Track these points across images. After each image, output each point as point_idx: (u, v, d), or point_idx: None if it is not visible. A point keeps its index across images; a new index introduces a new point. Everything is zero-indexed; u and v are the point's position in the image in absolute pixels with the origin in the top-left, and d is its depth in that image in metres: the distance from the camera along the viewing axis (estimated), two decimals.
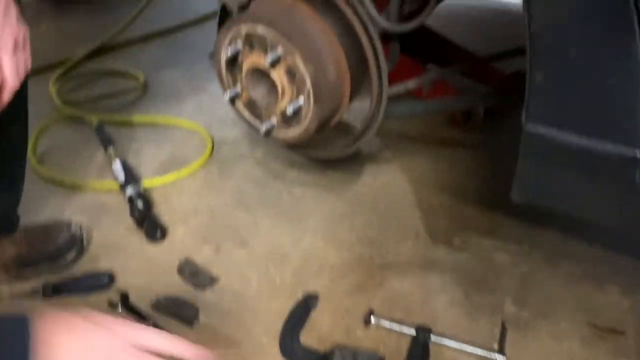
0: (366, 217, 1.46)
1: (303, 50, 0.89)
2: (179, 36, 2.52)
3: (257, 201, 1.54)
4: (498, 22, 2.42)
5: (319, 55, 0.91)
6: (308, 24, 0.94)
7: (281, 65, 0.92)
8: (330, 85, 0.92)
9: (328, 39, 0.95)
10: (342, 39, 0.95)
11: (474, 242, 1.37)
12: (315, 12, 0.94)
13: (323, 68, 0.91)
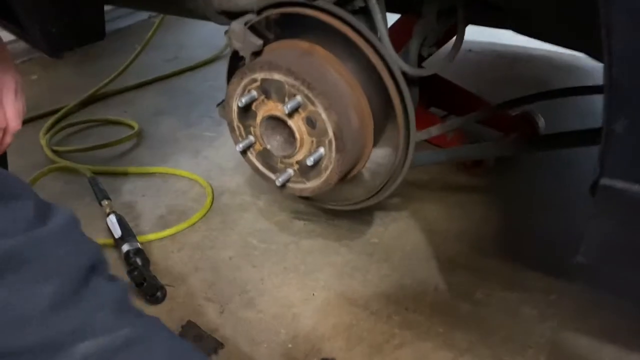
0: (380, 270, 1.37)
1: (325, 97, 0.83)
2: (174, 83, 2.47)
3: (263, 255, 1.44)
4: (498, 64, 2.41)
5: (341, 103, 0.85)
6: (328, 69, 0.88)
7: (300, 114, 0.85)
8: (353, 134, 0.86)
9: (349, 84, 0.89)
10: (363, 84, 0.89)
11: (497, 295, 1.29)
12: (334, 55, 0.89)
13: (346, 116, 0.84)
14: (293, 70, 0.83)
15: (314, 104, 0.84)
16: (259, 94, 0.89)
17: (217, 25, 3.17)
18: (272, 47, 0.95)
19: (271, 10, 0.92)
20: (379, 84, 0.87)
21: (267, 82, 0.87)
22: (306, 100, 0.84)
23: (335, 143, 0.85)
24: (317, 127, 0.85)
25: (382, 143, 0.94)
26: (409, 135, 0.88)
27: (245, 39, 0.89)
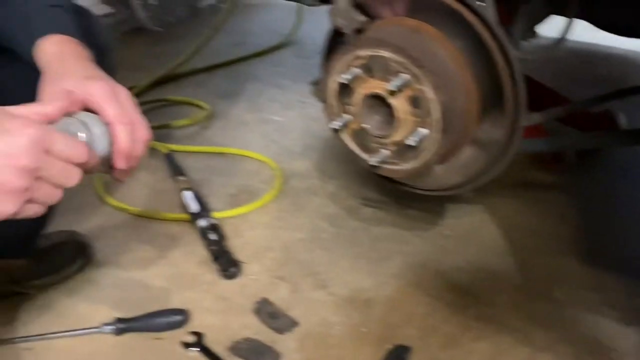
0: (454, 262, 1.35)
1: (434, 77, 0.81)
2: (241, 68, 2.50)
3: (333, 239, 1.44)
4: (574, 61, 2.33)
5: (450, 83, 0.83)
6: (437, 48, 0.86)
7: (405, 93, 0.84)
8: (458, 115, 0.84)
9: (459, 64, 0.87)
10: (473, 65, 0.87)
11: (577, 295, 1.24)
12: (443, 34, 0.87)
13: (454, 97, 0.82)
14: (402, 47, 0.82)
15: (421, 83, 0.82)
16: (361, 72, 0.88)
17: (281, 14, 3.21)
18: (377, 25, 0.94)
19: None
20: (490, 66, 0.84)
21: (372, 59, 0.86)
22: (413, 79, 0.83)
23: (441, 124, 0.83)
24: (421, 107, 0.84)
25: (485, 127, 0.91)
26: (517, 120, 0.85)
27: (349, 16, 0.89)
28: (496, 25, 0.82)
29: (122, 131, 0.73)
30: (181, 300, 1.26)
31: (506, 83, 0.84)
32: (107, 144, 0.73)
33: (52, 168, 0.62)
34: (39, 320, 1.21)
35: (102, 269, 1.36)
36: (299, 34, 2.79)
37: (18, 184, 0.59)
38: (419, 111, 0.85)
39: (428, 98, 0.82)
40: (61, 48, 0.81)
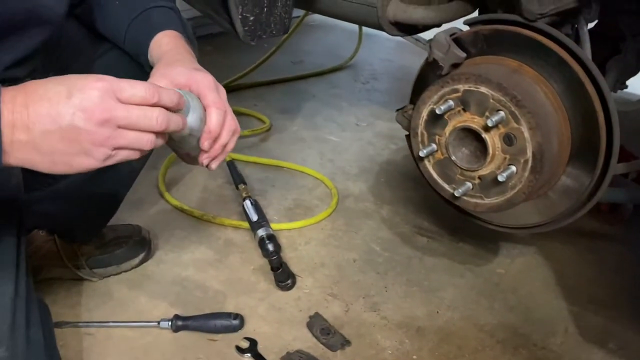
0: (507, 301, 1.35)
1: (532, 117, 0.84)
2: (300, 85, 2.56)
3: (386, 264, 1.46)
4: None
5: (546, 125, 0.85)
6: (537, 90, 0.89)
7: (499, 130, 0.86)
8: (551, 157, 0.86)
9: (555, 107, 0.89)
10: (569, 108, 0.89)
11: (633, 348, 1.23)
12: (542, 77, 0.90)
13: (548, 139, 0.85)
14: (504, 85, 0.84)
15: (519, 122, 0.85)
16: (456, 105, 0.91)
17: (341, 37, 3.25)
18: (475, 61, 0.97)
19: (482, 26, 0.94)
20: (587, 112, 0.86)
21: (470, 94, 0.89)
22: (510, 117, 0.85)
23: (532, 164, 0.85)
24: (514, 145, 0.86)
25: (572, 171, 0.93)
26: (607, 169, 0.87)
27: (448, 50, 0.92)
28: (598, 73, 0.84)
29: (215, 114, 0.81)
30: (236, 305, 1.29)
31: (602, 131, 0.86)
32: (199, 119, 0.79)
33: (129, 113, 0.66)
34: (101, 308, 1.26)
35: (161, 266, 1.41)
36: (357, 59, 2.84)
37: (100, 135, 0.64)
38: (511, 148, 0.87)
39: (523, 137, 0.85)
40: (175, 42, 0.93)
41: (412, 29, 1.39)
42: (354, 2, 1.34)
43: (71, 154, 0.65)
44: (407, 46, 3.08)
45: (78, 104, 0.64)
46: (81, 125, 0.64)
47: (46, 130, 0.63)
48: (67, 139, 0.64)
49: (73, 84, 0.65)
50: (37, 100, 0.64)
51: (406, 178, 1.83)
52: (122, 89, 0.66)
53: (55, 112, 0.63)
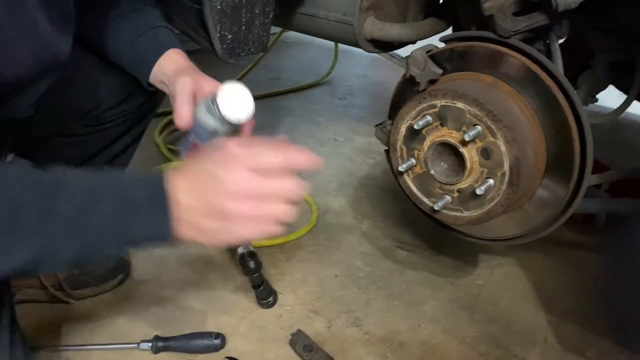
0: (487, 312, 1.36)
1: (507, 131, 0.85)
2: (278, 102, 2.57)
3: (367, 278, 1.46)
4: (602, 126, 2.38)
5: (522, 138, 0.87)
6: (512, 104, 0.91)
7: (476, 144, 0.88)
8: (527, 169, 0.88)
9: (530, 121, 0.91)
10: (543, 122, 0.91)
11: (609, 357, 1.25)
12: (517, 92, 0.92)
13: (524, 152, 0.87)
14: (480, 100, 0.86)
15: (495, 136, 0.87)
16: (434, 120, 0.93)
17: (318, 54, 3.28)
18: (452, 77, 0.99)
19: (457, 43, 0.96)
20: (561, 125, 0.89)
21: (447, 109, 0.91)
22: (486, 131, 0.87)
23: (509, 177, 0.87)
24: (491, 159, 0.88)
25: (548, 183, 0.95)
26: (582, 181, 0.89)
27: (425, 66, 0.94)
28: (570, 87, 0.87)
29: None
30: (217, 324, 1.27)
31: (576, 144, 0.88)
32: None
33: (269, 186, 0.71)
34: (79, 330, 1.23)
35: (140, 286, 1.39)
36: (334, 75, 2.87)
37: (250, 212, 0.71)
38: (488, 162, 0.89)
39: (500, 151, 0.86)
40: (183, 57, 1.04)
41: (389, 46, 1.41)
42: (331, 20, 1.36)
43: (225, 232, 0.73)
44: (382, 62, 3.12)
45: (225, 187, 0.70)
46: (229, 208, 0.71)
47: (204, 214, 0.71)
48: (221, 219, 0.71)
49: (220, 167, 0.72)
50: (196, 189, 0.71)
51: (385, 192, 1.85)
52: (260, 160, 0.71)
53: (209, 200, 0.71)
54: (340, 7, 1.33)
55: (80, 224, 0.67)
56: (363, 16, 1.32)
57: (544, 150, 0.92)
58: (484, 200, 0.90)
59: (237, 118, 0.90)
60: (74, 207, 0.66)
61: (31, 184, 0.66)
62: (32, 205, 0.64)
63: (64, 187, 0.68)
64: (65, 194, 0.67)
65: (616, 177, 1.14)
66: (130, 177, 0.76)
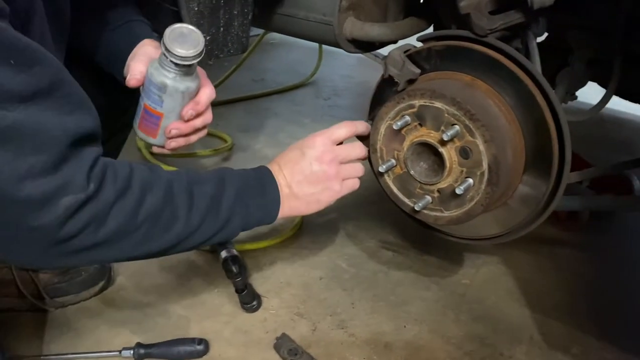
0: (473, 311, 1.36)
1: (486, 130, 0.85)
2: (261, 103, 2.55)
3: (352, 280, 1.45)
4: None
5: (500, 137, 0.87)
6: (489, 103, 0.91)
7: (455, 144, 0.88)
8: (506, 168, 0.87)
9: (508, 119, 0.91)
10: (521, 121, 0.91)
11: (594, 353, 1.25)
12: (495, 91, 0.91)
13: (503, 151, 0.86)
14: (458, 100, 0.86)
15: (473, 135, 0.86)
16: (412, 120, 0.92)
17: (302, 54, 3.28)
18: (430, 77, 0.98)
19: (434, 42, 0.96)
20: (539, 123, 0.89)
21: (426, 109, 0.90)
22: (465, 131, 0.87)
23: (488, 176, 0.86)
24: (470, 158, 0.87)
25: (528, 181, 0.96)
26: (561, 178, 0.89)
27: (403, 66, 0.93)
28: (547, 85, 0.87)
29: (208, 91, 1.02)
30: (200, 330, 1.26)
31: (554, 141, 0.88)
32: (196, 88, 0.99)
33: (344, 150, 0.97)
34: (60, 339, 1.21)
35: (122, 293, 1.37)
36: (318, 76, 2.86)
37: (331, 171, 0.95)
38: (467, 162, 0.88)
39: (478, 150, 0.86)
40: (157, 47, 1.03)
41: (369, 46, 1.40)
42: (311, 21, 1.35)
43: (318, 193, 0.96)
44: (367, 62, 3.12)
45: (311, 155, 0.96)
46: (317, 169, 0.95)
47: (298, 182, 0.94)
48: (312, 182, 0.94)
49: (303, 144, 0.99)
50: (287, 164, 0.96)
51: (370, 192, 1.83)
52: (333, 133, 1.00)
53: (299, 168, 0.94)
54: (320, 7, 1.32)
55: (216, 202, 0.85)
56: (343, 16, 1.32)
57: (523, 148, 0.92)
58: (464, 200, 0.90)
59: (185, 54, 0.89)
60: (211, 189, 0.85)
61: (176, 175, 0.85)
62: (183, 189, 0.82)
63: (201, 176, 0.87)
64: (203, 181, 0.86)
65: (596, 174, 1.15)
66: (243, 169, 0.97)
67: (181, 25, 0.91)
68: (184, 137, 1.03)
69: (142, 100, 1.00)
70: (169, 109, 0.98)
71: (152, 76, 0.94)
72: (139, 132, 1.07)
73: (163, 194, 0.81)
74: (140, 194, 0.79)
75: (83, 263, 1.06)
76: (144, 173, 0.82)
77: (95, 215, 0.74)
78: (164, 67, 0.92)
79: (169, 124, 1.01)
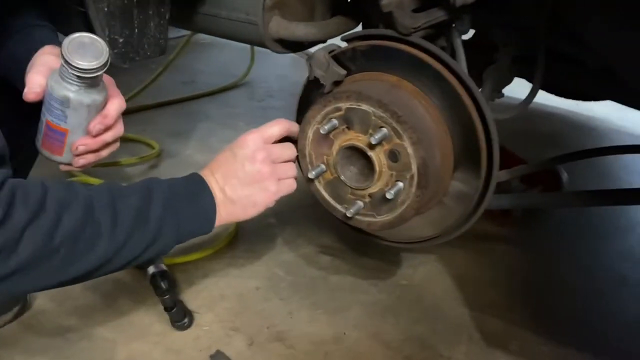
0: (412, 313, 1.34)
1: (413, 132, 0.82)
2: (192, 106, 2.46)
3: (290, 288, 1.41)
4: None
5: (428, 139, 0.84)
6: (416, 104, 0.88)
7: (383, 147, 0.84)
8: (435, 170, 0.85)
9: (435, 120, 0.89)
10: (448, 121, 0.89)
11: (532, 348, 1.26)
12: (421, 91, 0.89)
13: (431, 153, 0.84)
14: (384, 102, 0.82)
15: (401, 138, 0.83)
16: (340, 123, 0.88)
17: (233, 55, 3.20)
18: (355, 78, 0.94)
19: (359, 42, 0.92)
20: (466, 123, 0.87)
21: (353, 112, 0.86)
22: (392, 133, 0.83)
23: (417, 179, 0.84)
24: (399, 161, 0.84)
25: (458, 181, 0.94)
26: (491, 177, 0.88)
27: (328, 67, 0.89)
28: (472, 85, 0.85)
29: (117, 104, 0.95)
30: (128, 353, 1.18)
31: (482, 141, 0.86)
32: (104, 101, 0.91)
33: (275, 149, 0.92)
34: None
35: (39, 317, 1.26)
36: (252, 76, 2.80)
37: (265, 170, 0.90)
38: (396, 165, 0.85)
39: (407, 153, 0.83)
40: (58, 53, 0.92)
41: (298, 46, 1.35)
42: (234, 20, 1.29)
43: (254, 195, 0.90)
44: (301, 62, 3.07)
45: (242, 155, 0.90)
46: (250, 169, 0.89)
47: (232, 185, 0.89)
48: (247, 184, 0.89)
49: (234, 145, 0.93)
50: (219, 168, 0.91)
51: (306, 195, 1.79)
52: (265, 132, 0.93)
53: (232, 169, 0.89)
54: (243, 6, 1.26)
55: (143, 214, 0.79)
56: (268, 15, 1.26)
57: (451, 149, 0.90)
58: (395, 204, 0.87)
59: (86, 66, 0.81)
60: (137, 201, 0.79)
61: (97, 190, 0.78)
62: (105, 204, 0.76)
63: (125, 189, 0.81)
64: (127, 193, 0.80)
65: (526, 171, 1.15)
66: (172, 178, 0.90)
67: (81, 35, 0.83)
68: (93, 153, 0.94)
69: (44, 116, 0.90)
70: (74, 124, 0.89)
71: (52, 90, 0.85)
72: (43, 151, 0.97)
73: (82, 211, 0.74)
74: (55, 214, 0.72)
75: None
76: (60, 192, 0.75)
77: (4, 243, 0.67)
78: (66, 79, 0.84)
79: (76, 140, 0.92)
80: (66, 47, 0.80)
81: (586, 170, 1.91)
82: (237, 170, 0.90)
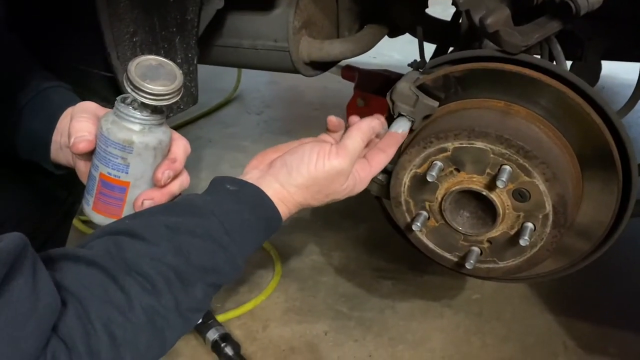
0: (496, 331, 1.25)
1: (547, 167, 0.71)
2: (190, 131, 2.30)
3: (360, 327, 1.30)
4: None
5: (560, 171, 0.73)
6: (538, 132, 0.77)
7: (507, 187, 0.73)
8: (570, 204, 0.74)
9: (560, 146, 0.78)
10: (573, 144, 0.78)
11: (634, 350, 1.19)
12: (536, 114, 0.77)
13: (565, 186, 0.73)
14: (505, 137, 0.71)
15: (530, 175, 0.72)
16: (446, 165, 0.77)
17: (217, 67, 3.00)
18: (450, 108, 0.83)
19: (451, 67, 0.80)
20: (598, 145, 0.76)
21: (463, 151, 0.75)
22: (519, 171, 0.72)
23: (553, 217, 0.73)
24: (529, 201, 0.74)
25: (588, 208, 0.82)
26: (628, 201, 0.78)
27: (417, 101, 0.77)
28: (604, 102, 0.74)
29: (183, 145, 0.79)
30: None
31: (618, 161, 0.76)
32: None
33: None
34: None
35: None
36: (242, 88, 2.64)
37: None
38: (525, 205, 0.75)
39: (539, 190, 0.73)
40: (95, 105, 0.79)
41: (330, 65, 1.24)
42: (259, 49, 1.15)
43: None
44: None
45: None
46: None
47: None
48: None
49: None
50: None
51: (341, 215, 1.68)
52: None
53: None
54: (269, 33, 1.13)
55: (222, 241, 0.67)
56: (297, 38, 1.13)
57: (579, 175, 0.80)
58: (524, 247, 0.77)
59: (161, 90, 0.65)
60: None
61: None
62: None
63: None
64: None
65: None
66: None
67: (147, 57, 0.67)
68: None
69: (96, 171, 0.71)
70: (137, 174, 0.72)
71: (109, 133, 0.67)
72: (95, 216, 0.76)
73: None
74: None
75: None
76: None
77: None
78: (126, 118, 0.67)
79: (139, 195, 0.73)
80: (132, 72, 0.64)
81: None
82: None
